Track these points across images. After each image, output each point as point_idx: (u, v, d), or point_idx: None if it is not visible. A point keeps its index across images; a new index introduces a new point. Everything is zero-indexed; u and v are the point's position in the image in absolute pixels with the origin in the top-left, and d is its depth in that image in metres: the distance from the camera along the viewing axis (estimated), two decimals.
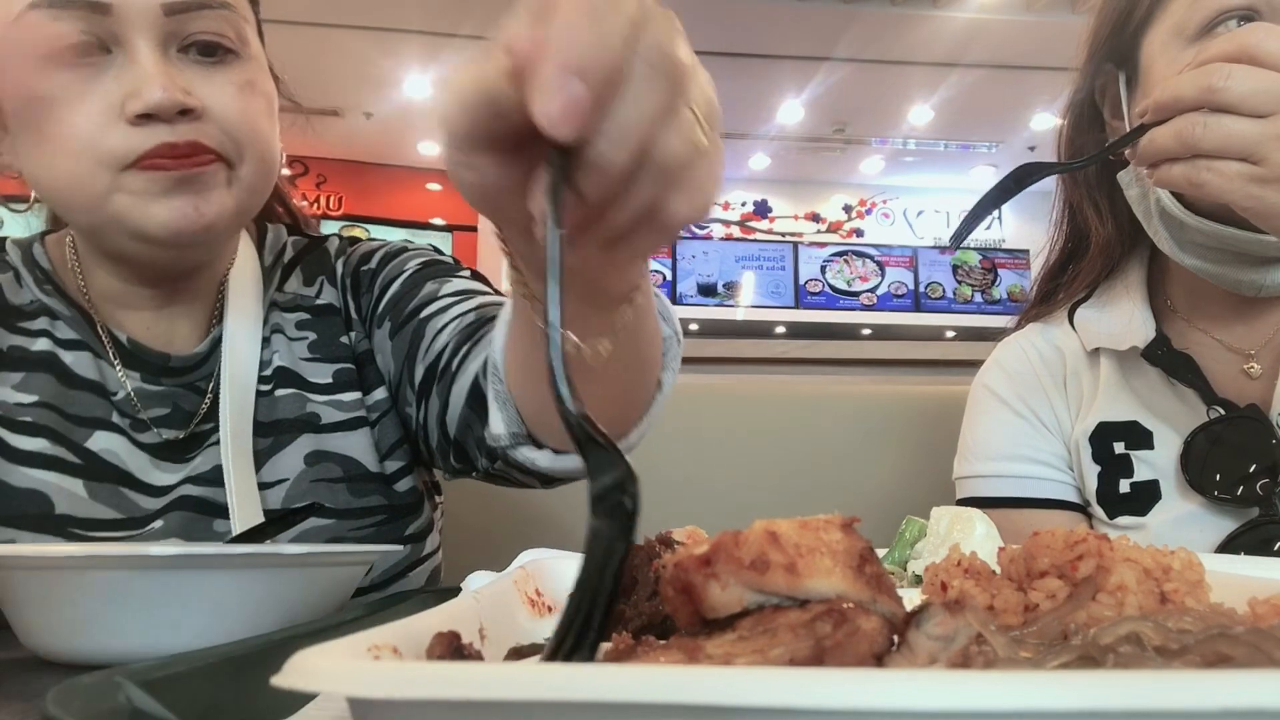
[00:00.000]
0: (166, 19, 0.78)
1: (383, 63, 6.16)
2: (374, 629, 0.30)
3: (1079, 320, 1.05)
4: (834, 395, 1.53)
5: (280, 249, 1.02)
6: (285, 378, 0.94)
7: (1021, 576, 0.40)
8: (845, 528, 0.32)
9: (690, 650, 0.28)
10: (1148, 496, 0.95)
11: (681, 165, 0.41)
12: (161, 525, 0.87)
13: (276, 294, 0.98)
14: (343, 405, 0.95)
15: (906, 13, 5.67)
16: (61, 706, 0.29)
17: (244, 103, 0.83)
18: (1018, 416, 1.05)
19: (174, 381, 0.91)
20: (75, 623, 0.58)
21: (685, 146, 0.41)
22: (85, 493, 0.85)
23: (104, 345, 0.90)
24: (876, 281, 8.77)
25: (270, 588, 0.62)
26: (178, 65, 0.80)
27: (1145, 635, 0.31)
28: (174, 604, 0.58)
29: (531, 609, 0.52)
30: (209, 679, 0.35)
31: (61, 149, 0.78)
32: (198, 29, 0.80)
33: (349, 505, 0.92)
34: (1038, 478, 1.02)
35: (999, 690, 0.21)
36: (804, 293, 8.71)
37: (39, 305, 0.91)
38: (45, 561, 0.58)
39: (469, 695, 0.22)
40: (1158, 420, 0.97)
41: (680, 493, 1.44)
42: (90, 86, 0.77)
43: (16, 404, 0.85)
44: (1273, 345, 0.96)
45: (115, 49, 0.78)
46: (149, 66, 0.77)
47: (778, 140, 7.76)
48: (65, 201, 0.83)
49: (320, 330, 0.97)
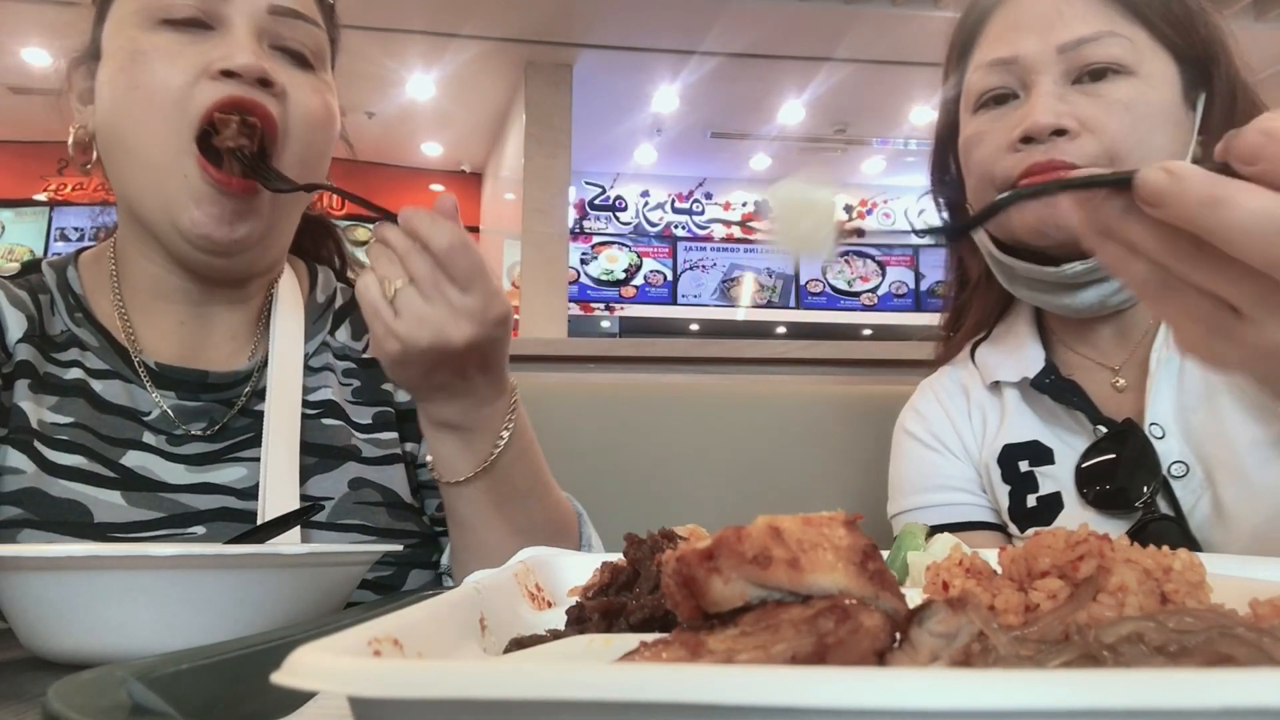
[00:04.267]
0: (269, 16, 0.90)
1: (385, 63, 6.17)
2: (374, 621, 0.30)
3: (979, 358, 1.15)
4: (834, 395, 1.53)
5: (331, 294, 1.10)
6: (333, 410, 1.01)
7: (1022, 576, 0.40)
8: (848, 525, 0.32)
9: (692, 645, 0.28)
10: (1052, 508, 1.02)
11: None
12: (204, 530, 0.89)
13: (328, 337, 1.06)
14: (380, 443, 1.01)
15: (907, 13, 5.67)
16: (63, 702, 0.29)
17: (315, 101, 0.92)
18: (929, 449, 1.14)
19: (211, 397, 0.96)
20: (75, 623, 0.58)
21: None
22: (123, 501, 0.88)
23: (134, 371, 0.94)
24: (877, 281, 8.78)
25: (270, 588, 0.62)
26: (268, 53, 0.90)
27: (1146, 635, 0.31)
28: (174, 604, 0.58)
29: (532, 603, 0.52)
30: (211, 676, 0.35)
31: (147, 98, 0.86)
32: (290, 35, 0.91)
33: (389, 527, 0.97)
34: (955, 503, 1.11)
35: (1001, 689, 0.21)
36: (804, 293, 8.71)
37: (69, 336, 0.95)
38: (45, 562, 0.58)
39: (469, 695, 0.22)
40: (1055, 438, 1.04)
41: (681, 492, 1.44)
42: (187, 49, 0.87)
43: (53, 423, 0.89)
44: (1135, 360, 1.04)
45: (218, 26, 0.88)
46: (243, 39, 0.88)
47: (778, 140, 7.76)
48: (136, 164, 0.89)
49: (364, 380, 1.06)
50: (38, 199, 7.50)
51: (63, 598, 0.57)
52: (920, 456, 1.14)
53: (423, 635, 0.33)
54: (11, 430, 0.87)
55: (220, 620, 0.59)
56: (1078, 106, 0.95)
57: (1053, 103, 0.95)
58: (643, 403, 1.50)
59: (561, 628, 0.47)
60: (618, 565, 0.52)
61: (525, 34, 6.02)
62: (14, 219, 7.55)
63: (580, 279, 8.45)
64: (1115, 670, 0.26)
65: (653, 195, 8.83)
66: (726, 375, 1.76)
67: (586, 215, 8.71)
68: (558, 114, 6.39)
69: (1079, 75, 0.97)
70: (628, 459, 1.44)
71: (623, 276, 8.63)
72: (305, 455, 0.95)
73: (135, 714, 0.30)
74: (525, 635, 0.44)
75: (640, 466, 1.44)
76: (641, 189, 8.80)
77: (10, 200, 7.50)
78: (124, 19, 0.89)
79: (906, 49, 6.00)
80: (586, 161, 7.80)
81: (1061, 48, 0.96)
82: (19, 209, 7.56)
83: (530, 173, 6.33)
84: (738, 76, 6.50)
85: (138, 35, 0.87)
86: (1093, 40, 0.95)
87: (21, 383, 0.89)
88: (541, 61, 6.34)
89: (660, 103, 7.06)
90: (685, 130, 7.58)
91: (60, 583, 0.57)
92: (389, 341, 0.77)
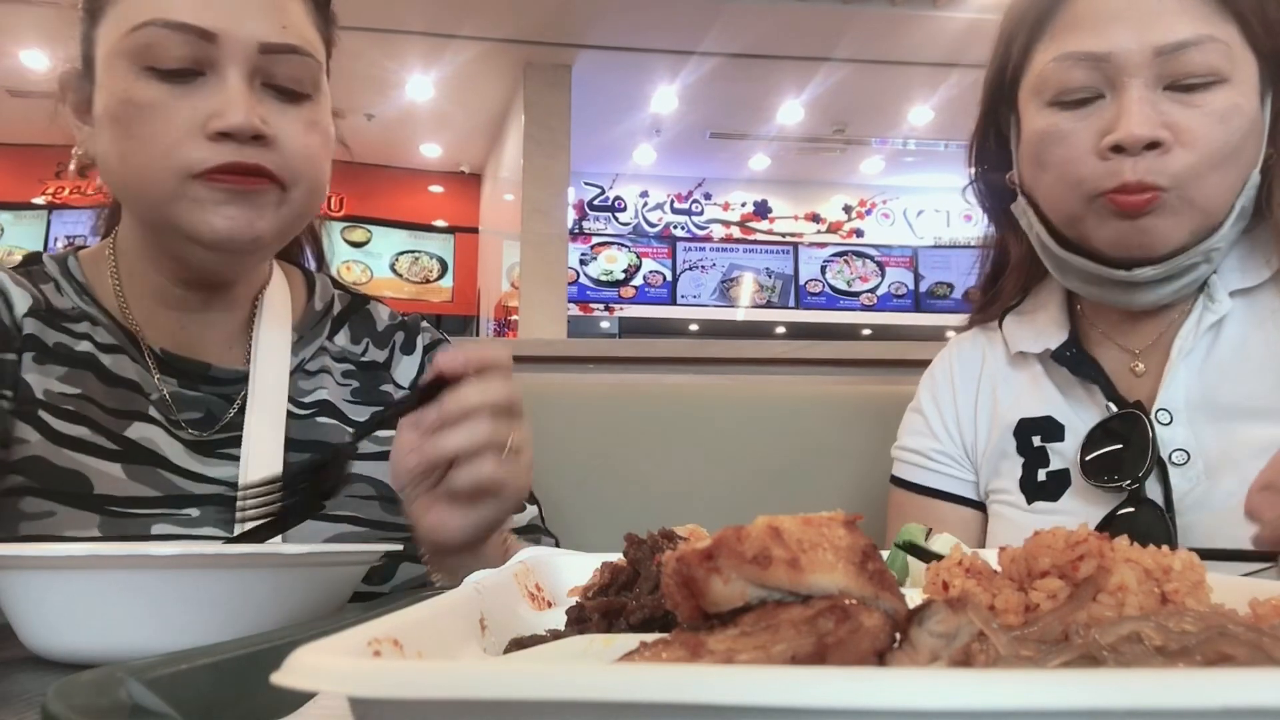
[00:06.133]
0: (260, 56, 0.88)
1: (385, 64, 6.16)
2: (374, 621, 0.30)
3: (1006, 326, 1.14)
4: (833, 395, 1.53)
5: (329, 300, 1.12)
6: (328, 409, 1.03)
7: (1022, 576, 0.40)
8: (848, 525, 0.32)
9: (692, 645, 0.28)
10: (1060, 484, 1.04)
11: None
12: (199, 514, 0.90)
13: (327, 342, 1.08)
14: (377, 439, 1.02)
15: (906, 13, 5.67)
16: (63, 702, 0.29)
17: (308, 139, 0.92)
18: (921, 415, 1.18)
19: (211, 389, 0.98)
20: (75, 622, 0.58)
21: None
22: (124, 474, 0.89)
23: (141, 353, 0.96)
24: (876, 282, 8.77)
25: (270, 587, 0.62)
26: (259, 96, 0.89)
27: (1146, 635, 0.31)
28: (174, 604, 0.58)
29: (532, 603, 0.52)
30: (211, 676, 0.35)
31: (142, 149, 0.87)
32: (282, 71, 0.90)
33: (381, 519, 0.99)
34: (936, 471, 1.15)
35: (1001, 689, 0.21)
36: (804, 293, 8.71)
37: (80, 311, 0.96)
38: (45, 561, 0.58)
39: (469, 695, 0.22)
40: (1070, 413, 1.05)
41: (681, 492, 1.44)
42: (180, 102, 0.86)
43: (60, 393, 0.91)
44: (1157, 346, 1.03)
45: (210, 73, 0.87)
46: (236, 93, 0.86)
47: (778, 140, 7.76)
48: (134, 195, 0.91)
49: (363, 381, 1.08)
50: (36, 202, 7.50)
51: (63, 597, 0.57)
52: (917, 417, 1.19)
53: (423, 635, 0.33)
54: (19, 403, 0.89)
55: (220, 620, 0.59)
56: (1171, 116, 0.91)
57: (1148, 112, 0.91)
58: (643, 403, 1.50)
59: (561, 628, 0.47)
60: (618, 565, 0.52)
61: (524, 35, 6.02)
62: (13, 221, 7.54)
63: (580, 279, 8.45)
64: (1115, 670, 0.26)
65: (652, 195, 8.83)
66: (726, 375, 1.76)
67: (586, 216, 8.71)
68: (557, 114, 6.39)
69: (1173, 81, 0.92)
70: (628, 459, 1.44)
71: (622, 277, 8.63)
72: (298, 453, 0.96)
73: (135, 714, 0.30)
74: (525, 635, 0.44)
75: (640, 466, 1.44)
76: (640, 189, 8.79)
77: (9, 203, 7.49)
78: (114, 55, 0.87)
79: (905, 49, 6.00)
80: (585, 162, 7.79)
81: (1159, 50, 0.91)
82: (18, 212, 7.55)
83: (529, 173, 6.32)
84: (737, 76, 6.50)
85: (129, 83, 0.86)
86: (1193, 45, 0.90)
87: (28, 355, 0.91)
88: (540, 62, 6.34)
89: (659, 103, 7.06)
90: (684, 130, 7.58)
91: (60, 582, 0.57)
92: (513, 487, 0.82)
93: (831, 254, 8.78)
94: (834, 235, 8.88)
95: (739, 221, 8.86)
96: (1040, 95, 0.99)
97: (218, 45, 0.86)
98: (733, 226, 8.85)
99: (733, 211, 8.89)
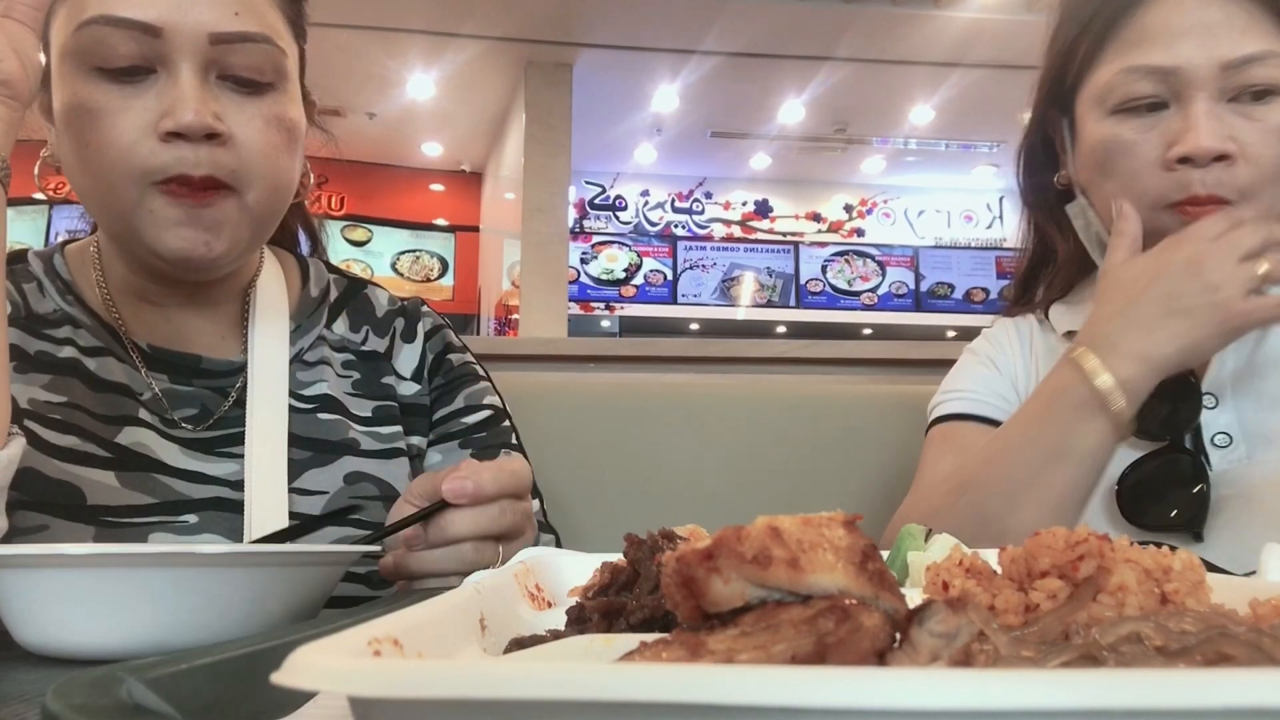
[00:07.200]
0: (211, 47, 0.83)
1: (386, 63, 6.16)
2: (374, 621, 0.30)
3: (1053, 313, 1.15)
4: (834, 395, 1.53)
5: (325, 286, 1.08)
6: (330, 404, 1.00)
7: (1022, 576, 0.40)
8: (848, 525, 0.32)
9: (692, 645, 0.28)
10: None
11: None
12: (197, 520, 0.89)
13: (325, 330, 1.05)
14: (381, 437, 1.01)
15: (907, 13, 5.67)
16: (63, 702, 0.29)
17: (268, 136, 0.87)
18: (980, 364, 1.17)
19: (204, 383, 0.95)
20: (75, 622, 0.58)
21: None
22: (118, 483, 0.87)
23: (127, 351, 0.94)
24: (877, 281, 8.77)
25: (271, 587, 0.62)
26: (215, 91, 0.85)
27: (1146, 635, 0.31)
28: (174, 604, 0.58)
29: (532, 603, 0.52)
30: (211, 675, 0.35)
31: (98, 156, 0.83)
32: (238, 61, 0.85)
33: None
34: (977, 398, 1.13)
35: (1001, 689, 0.21)
36: (804, 292, 8.71)
37: (62, 314, 0.94)
38: (45, 560, 0.58)
39: (469, 695, 0.22)
40: None
41: (681, 492, 1.44)
42: (131, 102, 0.82)
43: (47, 402, 0.88)
44: None
45: (160, 69, 0.83)
46: (187, 89, 0.82)
47: (779, 140, 7.76)
48: (96, 204, 0.89)
49: (364, 372, 1.05)
50: (37, 197, 7.50)
51: (63, 597, 0.57)
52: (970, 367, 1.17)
53: (423, 635, 0.33)
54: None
55: (220, 620, 0.59)
56: (1237, 130, 0.93)
57: (1215, 125, 0.92)
58: (643, 402, 1.50)
59: (561, 628, 0.47)
60: (618, 565, 0.52)
61: (525, 33, 6.02)
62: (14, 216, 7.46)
63: (580, 278, 8.45)
64: (1115, 670, 0.26)
65: (653, 195, 8.82)
66: (726, 375, 1.76)
67: (586, 215, 8.70)
68: (558, 113, 6.39)
69: (1237, 94, 0.93)
70: (628, 459, 1.44)
71: (623, 276, 8.63)
72: (300, 449, 0.95)
73: (135, 714, 0.30)
74: (525, 635, 0.44)
75: (640, 466, 1.44)
76: (641, 188, 8.79)
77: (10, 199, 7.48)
78: (64, 56, 0.83)
79: (907, 48, 6.00)
80: (586, 161, 7.79)
81: (1226, 65, 0.92)
82: (19, 207, 7.53)
83: (530, 172, 6.32)
84: (737, 76, 6.49)
85: (78, 86, 0.83)
86: (1259, 61, 0.92)
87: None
88: (541, 61, 6.34)
89: (660, 102, 7.05)
90: (685, 130, 7.58)
91: (60, 581, 0.57)
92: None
93: (832, 253, 8.78)
94: (835, 235, 8.88)
95: (740, 221, 8.86)
96: (1103, 104, 1.00)
97: (164, 40, 0.82)
98: (733, 226, 8.85)
99: (733, 211, 8.88)
